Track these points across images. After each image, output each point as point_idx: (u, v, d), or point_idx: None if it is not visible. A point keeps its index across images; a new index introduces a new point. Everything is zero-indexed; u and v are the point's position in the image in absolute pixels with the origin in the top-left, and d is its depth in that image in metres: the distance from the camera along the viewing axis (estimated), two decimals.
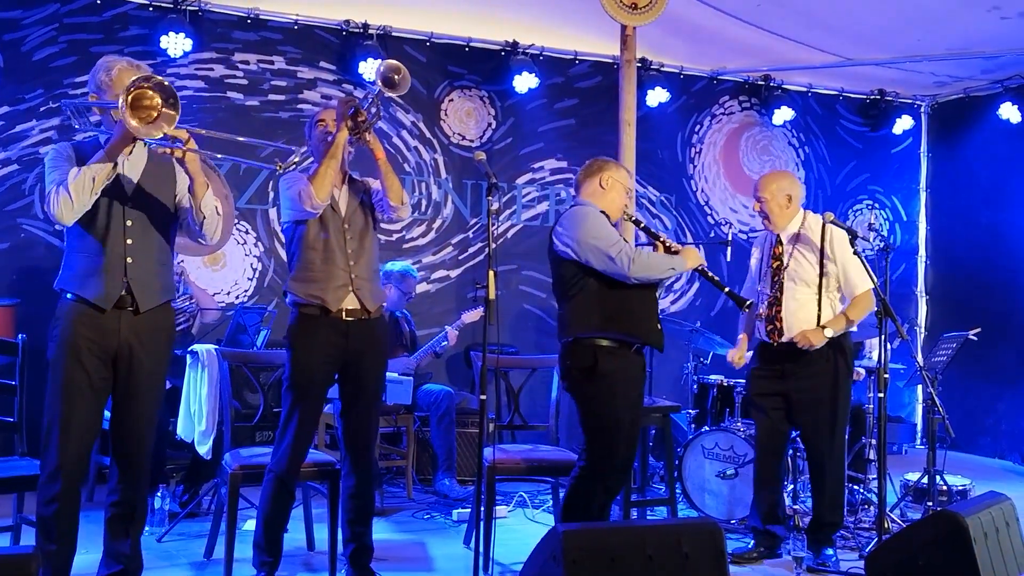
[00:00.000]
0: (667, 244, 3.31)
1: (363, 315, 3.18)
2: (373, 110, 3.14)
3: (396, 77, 3.06)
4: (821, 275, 3.73)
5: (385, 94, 3.09)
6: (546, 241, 3.37)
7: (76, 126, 2.92)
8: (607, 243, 3.14)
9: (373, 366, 3.25)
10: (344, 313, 3.14)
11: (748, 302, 3.47)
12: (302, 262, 3.17)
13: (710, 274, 3.38)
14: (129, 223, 2.79)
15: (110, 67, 2.78)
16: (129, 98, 2.55)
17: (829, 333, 3.65)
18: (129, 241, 2.78)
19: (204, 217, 2.86)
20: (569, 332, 3.23)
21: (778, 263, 3.79)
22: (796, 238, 3.78)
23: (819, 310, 3.72)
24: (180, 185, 2.93)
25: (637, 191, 5.72)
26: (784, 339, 3.72)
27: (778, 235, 3.82)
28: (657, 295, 3.29)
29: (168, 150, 2.73)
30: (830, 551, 3.67)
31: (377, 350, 3.26)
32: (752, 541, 3.83)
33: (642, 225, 3.43)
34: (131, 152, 2.81)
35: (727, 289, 3.44)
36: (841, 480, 3.81)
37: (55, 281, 2.82)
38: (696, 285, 6.47)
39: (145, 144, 2.84)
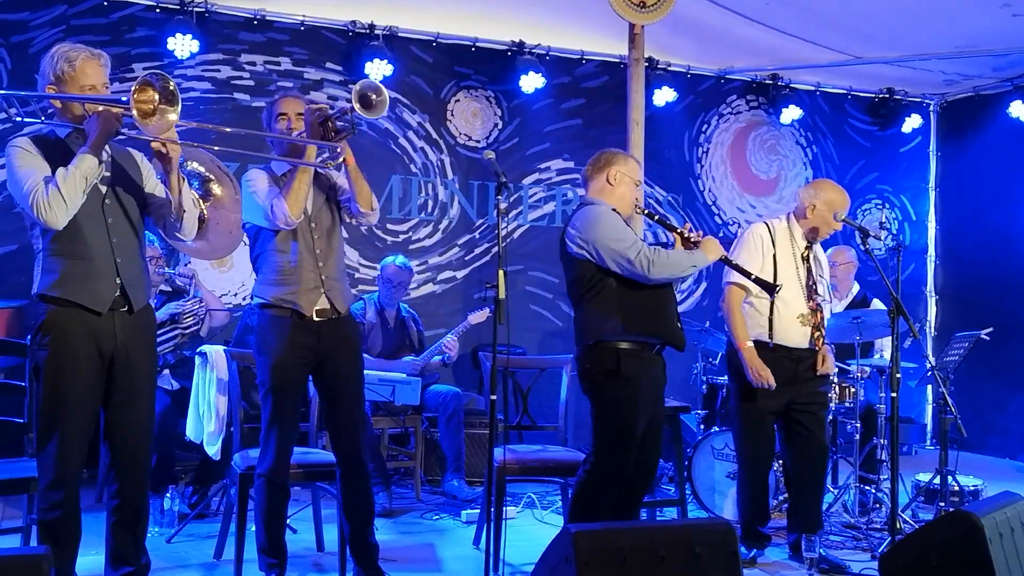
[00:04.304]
0: (685, 235, 3.23)
1: (333, 315, 3.15)
2: (346, 125, 3.01)
3: (374, 97, 2.93)
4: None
5: (359, 113, 2.93)
6: (553, 242, 3.35)
7: (18, 118, 2.79)
8: (624, 245, 3.08)
9: (349, 363, 3.21)
10: (315, 314, 3.11)
11: (778, 286, 3.37)
12: (271, 265, 3.12)
13: (735, 262, 3.33)
14: (110, 221, 2.73)
15: (71, 58, 2.69)
16: (136, 95, 2.52)
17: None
18: (114, 240, 2.73)
19: (185, 211, 2.80)
20: (590, 335, 3.15)
21: (808, 266, 3.73)
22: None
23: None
24: (147, 177, 2.87)
25: (644, 191, 5.70)
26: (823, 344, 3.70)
27: (811, 241, 3.76)
28: (675, 292, 3.24)
29: (160, 145, 2.66)
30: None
31: (350, 347, 3.22)
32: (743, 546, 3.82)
33: (656, 218, 3.33)
34: None
35: (754, 275, 3.36)
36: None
37: (34, 287, 2.72)
38: (704, 285, 6.45)
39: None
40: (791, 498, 3.80)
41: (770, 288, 3.34)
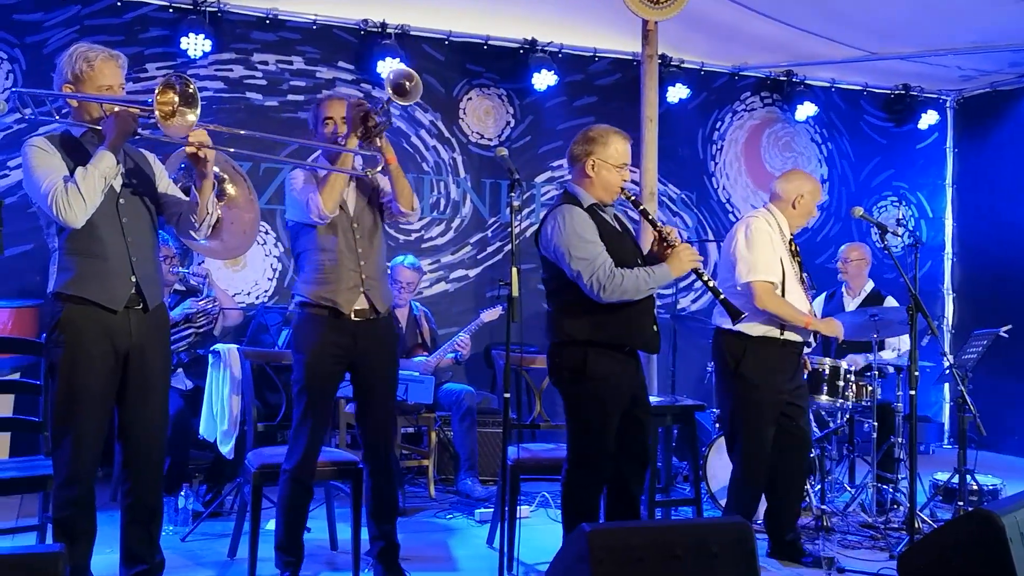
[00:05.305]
0: (663, 234, 3.07)
1: (371, 315, 3.16)
2: (383, 118, 3.05)
3: (408, 84, 2.97)
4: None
5: (395, 102, 2.99)
6: None
7: (29, 116, 2.80)
8: (582, 263, 2.96)
9: (384, 364, 3.22)
10: (353, 314, 3.12)
11: (742, 315, 3.16)
12: (312, 263, 3.14)
13: (706, 277, 3.12)
14: (125, 220, 2.75)
15: (90, 58, 2.71)
16: (157, 96, 2.54)
17: None
18: (129, 239, 2.75)
19: (208, 213, 2.82)
20: (558, 333, 3.10)
21: (798, 260, 3.69)
22: None
23: None
24: (159, 177, 2.89)
25: (657, 188, 5.68)
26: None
27: (792, 233, 3.70)
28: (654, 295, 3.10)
29: (196, 149, 2.67)
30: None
31: (386, 348, 3.23)
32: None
33: (641, 208, 3.22)
34: None
35: (722, 296, 3.16)
36: None
37: (50, 286, 2.74)
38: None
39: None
40: (773, 496, 3.67)
41: (735, 315, 3.15)
